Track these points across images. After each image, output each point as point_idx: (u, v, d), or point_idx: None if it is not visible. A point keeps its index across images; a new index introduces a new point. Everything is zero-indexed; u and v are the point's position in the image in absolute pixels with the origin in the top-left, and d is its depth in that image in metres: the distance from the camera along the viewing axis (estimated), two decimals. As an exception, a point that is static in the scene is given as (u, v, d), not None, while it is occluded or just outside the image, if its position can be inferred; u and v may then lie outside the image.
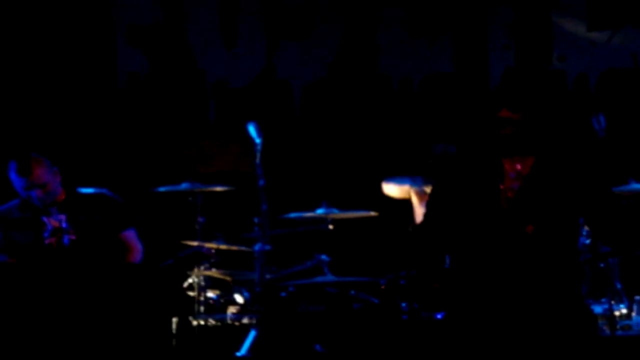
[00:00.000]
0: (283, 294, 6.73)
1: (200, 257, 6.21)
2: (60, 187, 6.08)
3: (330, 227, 7.12)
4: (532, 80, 4.68)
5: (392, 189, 6.87)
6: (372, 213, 7.28)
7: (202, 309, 6.79)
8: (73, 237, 5.99)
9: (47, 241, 5.99)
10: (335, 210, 7.16)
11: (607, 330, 6.60)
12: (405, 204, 7.09)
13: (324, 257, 6.97)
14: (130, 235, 6.17)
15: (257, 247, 6.64)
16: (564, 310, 4.60)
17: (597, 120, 6.74)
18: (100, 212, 6.09)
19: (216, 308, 6.84)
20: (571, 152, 4.64)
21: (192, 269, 6.88)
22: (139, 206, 7.97)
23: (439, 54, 8.70)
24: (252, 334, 6.41)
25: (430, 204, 4.76)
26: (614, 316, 6.74)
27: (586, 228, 6.64)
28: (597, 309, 6.74)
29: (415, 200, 6.79)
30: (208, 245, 7.19)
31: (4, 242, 6.04)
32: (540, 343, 4.57)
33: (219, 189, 7.50)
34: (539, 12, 8.61)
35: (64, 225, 6.01)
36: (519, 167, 4.67)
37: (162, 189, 7.36)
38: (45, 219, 6.01)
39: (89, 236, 6.02)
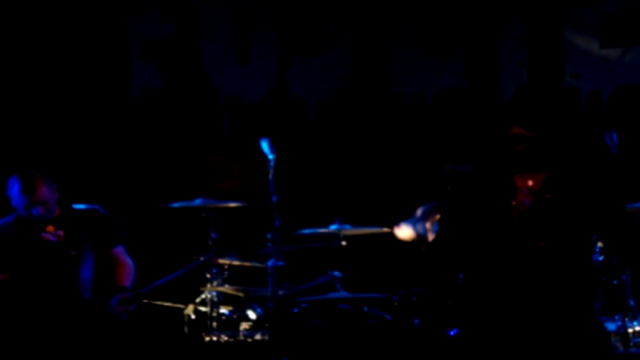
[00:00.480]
0: (296, 310, 6.74)
1: (211, 267, 6.23)
2: (56, 205, 6.20)
3: (343, 243, 7.13)
4: (544, 97, 4.70)
5: (404, 232, 6.87)
6: (385, 229, 7.28)
7: (214, 325, 6.80)
8: (73, 253, 6.07)
9: (47, 257, 6.06)
10: (348, 227, 7.17)
11: (621, 348, 6.59)
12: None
13: (336, 273, 6.97)
14: (121, 251, 6.30)
15: (270, 263, 6.64)
16: (577, 327, 4.60)
17: (609, 137, 6.73)
18: (96, 227, 6.20)
19: (229, 324, 6.84)
20: (583, 169, 4.64)
21: (204, 279, 6.91)
22: (153, 222, 8.02)
23: (452, 71, 8.72)
24: None
25: (443, 221, 4.77)
26: (628, 333, 6.73)
27: (599, 244, 6.64)
28: (611, 326, 6.72)
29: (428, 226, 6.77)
30: (222, 261, 7.20)
31: (2, 259, 6.07)
32: (553, 359, 4.57)
33: (232, 204, 7.52)
34: (552, 29, 8.62)
35: (62, 240, 6.09)
36: (530, 183, 4.68)
37: (175, 205, 7.38)
38: (44, 235, 6.08)
39: (88, 251, 6.11)
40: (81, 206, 6.33)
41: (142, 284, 6.42)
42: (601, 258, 6.74)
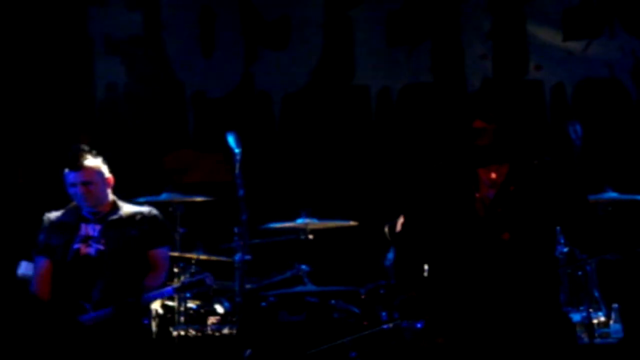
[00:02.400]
0: (263, 304, 6.74)
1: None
2: (107, 196, 6.17)
3: (310, 236, 7.14)
4: (505, 91, 4.73)
5: None
6: (352, 222, 7.30)
7: (182, 319, 6.78)
8: (102, 248, 6.06)
9: (74, 246, 6.08)
10: (315, 220, 7.18)
11: (586, 338, 6.65)
12: (384, 213, 7.11)
13: (304, 266, 6.99)
14: (161, 253, 6.22)
15: (237, 257, 6.63)
16: (542, 317, 4.63)
17: (573, 129, 6.77)
18: (137, 227, 6.16)
19: (196, 318, 6.83)
20: (546, 161, 4.68)
21: (171, 273, 6.87)
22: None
23: (417, 64, 8.74)
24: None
25: (408, 213, 4.80)
26: (592, 324, 6.79)
27: (563, 236, 6.69)
28: (576, 316, 6.78)
29: None
30: (188, 255, 7.19)
31: (43, 243, 6.15)
32: (519, 350, 4.60)
33: (198, 199, 7.51)
34: (516, 22, 8.67)
35: (95, 234, 6.09)
36: (494, 175, 4.71)
37: (141, 200, 7.35)
38: (82, 226, 6.11)
39: (118, 249, 6.08)
40: (134, 207, 6.27)
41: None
42: (566, 249, 6.79)
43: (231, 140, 6.74)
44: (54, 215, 6.24)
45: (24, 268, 6.71)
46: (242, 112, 8.73)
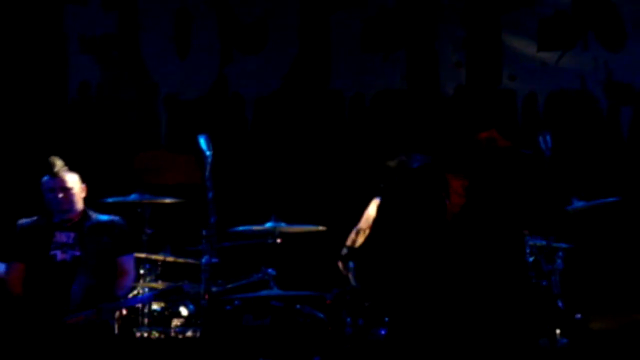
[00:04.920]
0: (228, 307, 6.73)
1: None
2: (81, 205, 6.58)
3: (278, 240, 7.13)
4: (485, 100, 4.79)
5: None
6: (320, 227, 7.30)
7: (146, 321, 6.77)
8: (77, 254, 6.44)
9: (51, 252, 6.45)
10: (284, 224, 7.17)
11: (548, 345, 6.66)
12: (354, 219, 7.12)
13: (270, 270, 6.97)
14: (126, 260, 6.61)
15: (204, 259, 6.62)
16: (506, 322, 4.66)
17: (543, 139, 6.80)
18: (107, 235, 6.54)
19: (160, 320, 6.82)
20: (517, 171, 4.71)
21: (137, 275, 6.93)
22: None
23: (391, 71, 8.76)
24: None
25: (378, 220, 4.82)
26: (555, 333, 6.80)
27: (529, 245, 6.73)
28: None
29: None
30: (154, 257, 7.18)
31: (17, 249, 6.51)
32: (480, 353, 4.63)
33: (168, 200, 7.49)
34: (490, 31, 8.69)
35: (70, 241, 6.48)
36: (465, 183, 4.74)
37: (110, 200, 7.35)
38: (57, 233, 6.49)
39: (92, 255, 6.46)
40: (103, 216, 6.65)
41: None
42: (531, 259, 6.82)
43: (202, 142, 6.74)
44: (26, 222, 6.59)
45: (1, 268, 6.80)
46: (215, 115, 8.72)
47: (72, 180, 6.57)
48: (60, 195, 6.51)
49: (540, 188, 4.78)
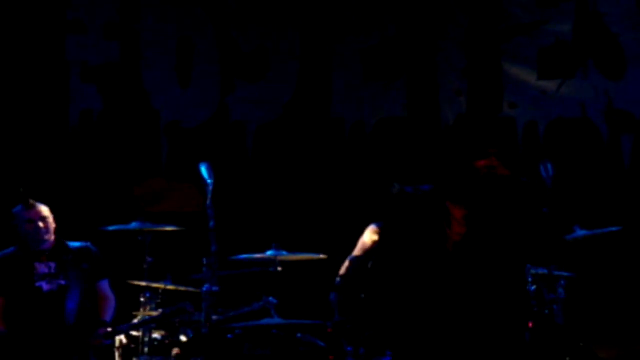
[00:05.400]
0: (229, 336, 6.71)
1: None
2: (54, 234, 6.70)
3: (279, 269, 7.12)
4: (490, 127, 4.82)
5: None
6: (321, 256, 7.28)
7: (146, 350, 6.75)
8: (62, 283, 6.54)
9: (36, 284, 6.52)
10: (285, 253, 7.16)
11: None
12: (354, 248, 7.11)
13: (271, 299, 6.95)
14: (105, 285, 6.75)
15: (205, 288, 6.61)
16: (507, 352, 4.65)
17: (545, 168, 6.81)
18: (85, 262, 6.66)
19: (161, 349, 6.79)
20: (523, 182, 4.72)
21: (137, 303, 6.95)
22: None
23: (392, 99, 8.77)
24: None
25: (379, 249, 4.82)
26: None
27: (531, 274, 6.71)
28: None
29: None
30: (155, 285, 7.16)
31: None
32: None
33: (168, 228, 7.48)
34: (491, 60, 8.72)
35: (52, 271, 6.56)
36: (465, 212, 4.75)
37: (111, 228, 7.34)
38: (37, 264, 6.57)
39: (77, 282, 6.56)
40: (75, 243, 6.76)
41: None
42: (533, 288, 6.80)
43: (204, 170, 6.74)
44: (0, 256, 6.64)
45: None
46: (216, 143, 8.73)
47: (47, 210, 6.71)
48: (41, 224, 6.62)
49: (540, 217, 4.78)
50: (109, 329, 6.47)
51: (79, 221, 8.21)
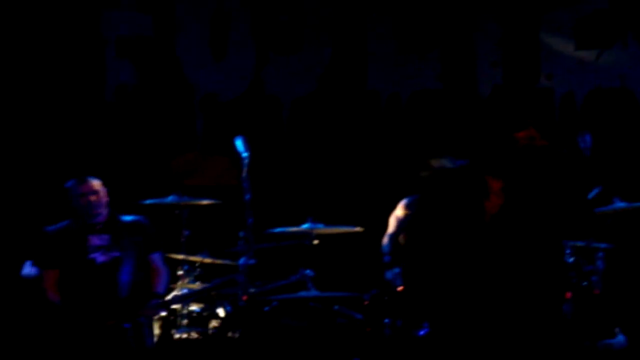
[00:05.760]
0: (266, 308, 6.73)
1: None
2: (106, 207, 6.75)
3: (315, 242, 7.12)
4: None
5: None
6: (357, 228, 7.28)
7: (184, 322, 6.79)
8: (116, 255, 6.62)
9: (90, 256, 6.58)
10: (321, 225, 7.16)
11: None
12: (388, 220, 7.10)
13: (308, 271, 6.97)
14: (157, 258, 6.76)
15: (241, 261, 6.63)
16: (542, 324, 4.65)
17: (582, 139, 6.75)
18: (138, 234, 6.71)
19: (199, 321, 6.83)
20: (555, 170, 4.69)
21: (175, 276, 6.99)
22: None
23: (427, 71, 8.73)
24: None
25: (417, 222, 4.81)
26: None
27: (569, 246, 6.68)
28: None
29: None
30: (192, 258, 7.19)
31: (50, 255, 6.63)
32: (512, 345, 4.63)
33: (205, 202, 7.51)
34: (527, 30, 8.64)
35: (105, 243, 6.64)
36: (503, 184, 4.73)
37: (148, 202, 7.37)
38: (90, 237, 6.64)
39: (131, 254, 6.62)
40: (128, 217, 6.79)
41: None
42: (571, 260, 6.76)
43: (239, 144, 6.76)
44: (55, 228, 6.71)
45: (28, 268, 6.91)
46: (251, 116, 8.73)
47: (99, 184, 6.76)
48: (93, 198, 6.67)
49: (579, 188, 4.75)
50: (161, 300, 6.52)
51: (117, 195, 8.25)
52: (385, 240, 6.76)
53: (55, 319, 6.43)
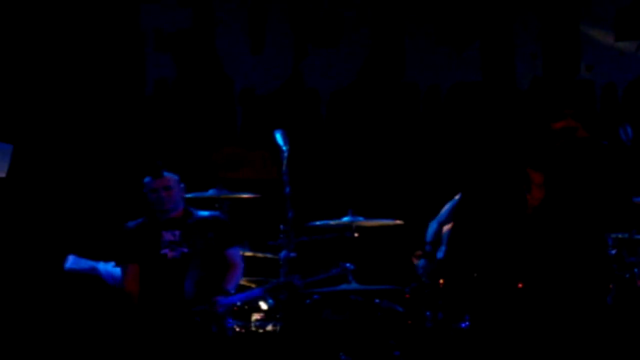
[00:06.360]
0: (308, 302, 6.75)
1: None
2: (181, 203, 6.81)
3: (356, 235, 7.13)
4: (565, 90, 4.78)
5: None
6: (398, 221, 7.28)
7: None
8: (185, 250, 6.67)
9: (162, 251, 6.67)
10: (361, 218, 7.17)
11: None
12: (430, 214, 7.10)
13: (348, 265, 6.98)
14: (234, 253, 6.79)
15: (282, 254, 6.66)
16: (586, 317, 4.64)
17: (624, 130, 6.71)
18: (211, 230, 6.75)
19: (241, 314, 6.86)
20: (596, 161, 4.68)
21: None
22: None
23: (466, 63, 8.70)
24: None
25: (461, 215, 4.82)
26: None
27: (611, 237, 6.64)
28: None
29: None
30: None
31: (129, 251, 6.73)
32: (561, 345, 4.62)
33: (245, 195, 7.53)
34: (567, 22, 8.59)
35: (177, 239, 6.69)
36: (545, 177, 4.72)
37: (189, 195, 7.40)
38: (164, 233, 6.71)
39: (199, 250, 6.68)
40: (204, 212, 6.83)
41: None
42: (613, 252, 6.73)
43: (279, 137, 6.77)
44: (133, 225, 6.81)
45: (71, 262, 7.00)
46: (290, 109, 8.75)
47: (173, 180, 6.78)
48: (163, 194, 6.72)
49: (621, 180, 4.72)
50: (223, 298, 6.56)
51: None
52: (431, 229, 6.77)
53: (136, 315, 6.53)
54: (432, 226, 6.94)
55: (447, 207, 6.93)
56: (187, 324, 6.43)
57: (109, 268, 7.02)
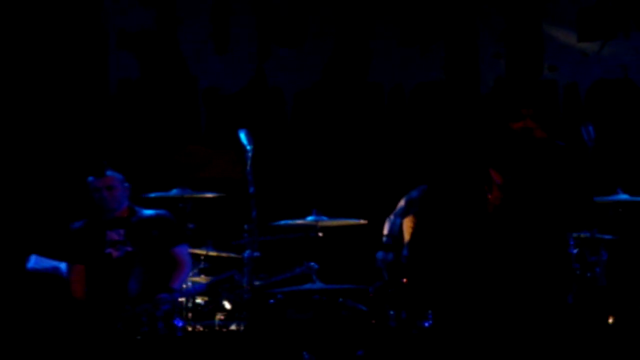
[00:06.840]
0: (271, 301, 6.74)
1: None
2: (125, 202, 6.83)
3: (320, 234, 7.13)
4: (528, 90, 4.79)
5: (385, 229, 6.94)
6: (362, 221, 7.29)
7: (190, 315, 6.80)
8: (129, 249, 6.68)
9: (106, 251, 6.70)
10: (325, 218, 7.17)
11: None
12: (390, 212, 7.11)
13: (312, 264, 6.98)
14: (181, 251, 6.81)
15: (246, 253, 6.65)
16: (548, 314, 4.66)
17: (586, 130, 6.76)
18: (155, 228, 6.76)
19: (204, 314, 6.85)
20: (561, 146, 4.70)
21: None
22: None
23: (430, 63, 8.73)
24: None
25: (421, 214, 4.83)
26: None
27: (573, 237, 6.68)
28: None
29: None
30: (197, 251, 7.20)
31: (75, 251, 6.75)
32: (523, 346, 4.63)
33: (209, 195, 7.52)
34: (530, 22, 8.64)
35: (120, 238, 6.71)
36: (503, 177, 4.74)
37: (152, 195, 7.38)
38: (108, 232, 6.73)
39: (144, 249, 6.69)
40: (149, 211, 6.85)
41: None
42: (575, 251, 6.77)
43: (243, 137, 6.76)
44: (79, 224, 6.83)
45: (34, 262, 6.97)
46: (255, 109, 8.74)
47: (115, 180, 6.79)
48: (106, 194, 6.74)
49: (580, 180, 4.75)
50: (166, 295, 6.56)
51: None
52: (387, 223, 6.77)
53: (71, 313, 6.53)
54: (396, 221, 6.93)
55: (403, 201, 6.93)
56: (131, 323, 6.40)
57: None
